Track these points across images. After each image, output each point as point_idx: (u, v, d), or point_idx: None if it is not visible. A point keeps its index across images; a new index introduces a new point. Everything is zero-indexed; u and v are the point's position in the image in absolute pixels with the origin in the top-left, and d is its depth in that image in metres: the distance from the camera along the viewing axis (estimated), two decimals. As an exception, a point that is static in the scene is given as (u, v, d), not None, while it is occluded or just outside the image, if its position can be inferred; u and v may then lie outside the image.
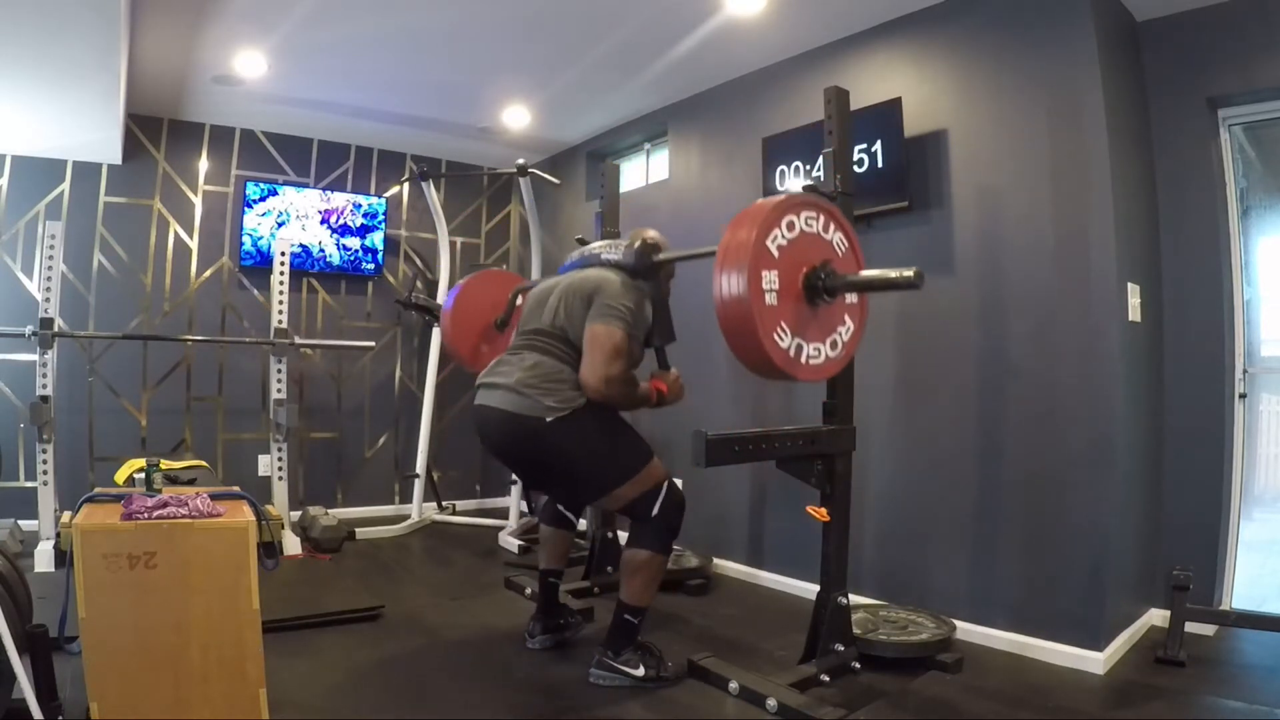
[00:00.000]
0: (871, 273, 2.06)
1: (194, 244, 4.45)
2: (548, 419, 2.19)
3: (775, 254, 1.91)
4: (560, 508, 2.67)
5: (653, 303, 2.37)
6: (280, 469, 3.95)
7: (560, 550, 2.67)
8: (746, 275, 1.82)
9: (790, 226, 1.95)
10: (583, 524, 3.66)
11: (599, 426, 2.26)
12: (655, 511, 2.26)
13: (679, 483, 2.41)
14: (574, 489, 2.49)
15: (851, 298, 2.16)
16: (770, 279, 1.89)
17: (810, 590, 2.47)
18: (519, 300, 3.17)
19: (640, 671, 2.26)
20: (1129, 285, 2.58)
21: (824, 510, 2.31)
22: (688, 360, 3.88)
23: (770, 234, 1.90)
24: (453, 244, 4.91)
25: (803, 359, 1.99)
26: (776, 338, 1.91)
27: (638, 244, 2.40)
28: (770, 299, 1.89)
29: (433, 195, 4.59)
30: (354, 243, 4.82)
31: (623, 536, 2.39)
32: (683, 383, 2.49)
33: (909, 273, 1.91)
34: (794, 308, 1.96)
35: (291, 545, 3.77)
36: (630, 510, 2.30)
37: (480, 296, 3.30)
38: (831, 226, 2.08)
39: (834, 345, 2.10)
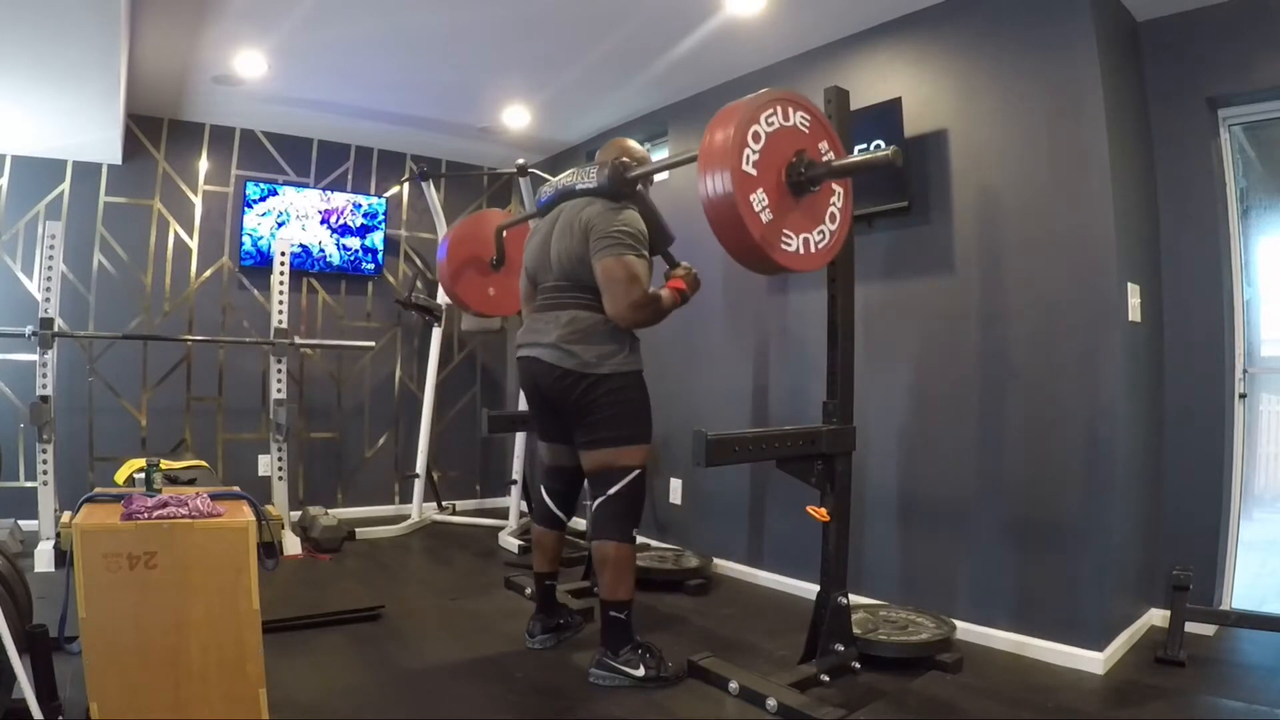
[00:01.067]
0: (851, 159, 2.10)
1: (194, 244, 4.45)
2: (590, 372, 2.30)
3: (754, 171, 1.93)
4: (551, 506, 2.65)
5: (642, 215, 2.38)
6: (280, 469, 3.95)
7: (554, 552, 2.66)
8: (735, 190, 1.87)
9: (756, 137, 1.96)
10: (582, 524, 3.67)
11: (634, 395, 2.37)
12: (616, 488, 2.31)
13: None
14: (591, 433, 2.42)
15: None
16: (759, 198, 1.93)
17: (810, 590, 2.47)
18: (505, 235, 3.41)
19: (640, 671, 2.26)
20: (1129, 285, 2.58)
21: (824, 510, 2.31)
22: (687, 360, 3.89)
23: (742, 155, 1.92)
24: (453, 244, 4.90)
25: (811, 249, 2.07)
26: (783, 245, 1.98)
27: (608, 169, 2.38)
28: (765, 215, 1.94)
29: (433, 195, 4.59)
30: (354, 243, 4.82)
31: (590, 527, 2.39)
32: (696, 272, 2.52)
33: (887, 151, 1.98)
34: (786, 207, 2.00)
35: (291, 545, 3.77)
36: (599, 476, 2.34)
37: (469, 243, 3.42)
38: (790, 110, 2.07)
39: (832, 219, 2.15)
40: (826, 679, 2.21)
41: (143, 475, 1.93)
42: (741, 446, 2.08)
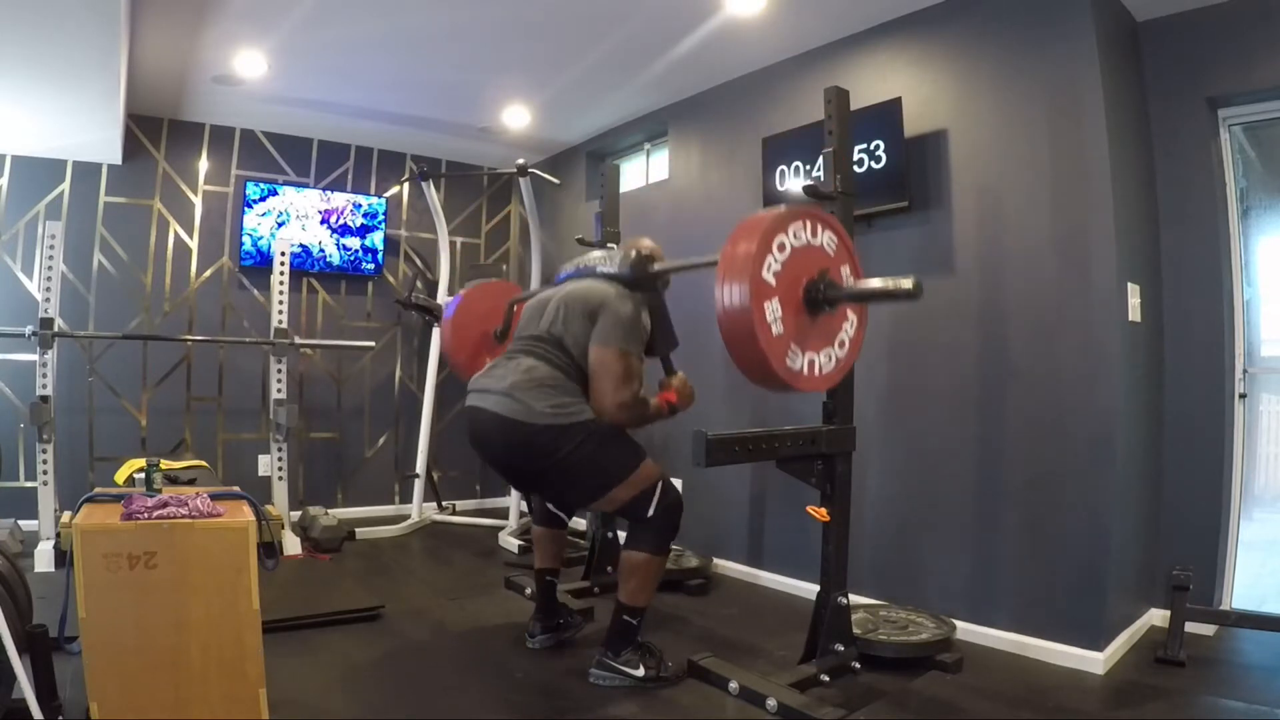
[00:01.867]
0: (870, 283, 2.04)
1: (194, 244, 4.45)
2: (540, 424, 2.18)
3: (773, 281, 1.89)
4: (550, 506, 2.67)
5: (651, 311, 2.38)
6: (280, 469, 3.95)
7: (554, 550, 2.67)
8: (750, 302, 1.81)
9: (781, 248, 1.93)
10: (582, 524, 3.67)
11: (590, 433, 2.23)
12: (652, 512, 2.27)
13: (678, 483, 2.40)
14: (567, 492, 2.49)
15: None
16: (773, 308, 1.88)
17: (810, 590, 2.47)
18: (515, 310, 3.17)
19: (640, 671, 2.26)
20: (1129, 285, 2.58)
21: (824, 510, 2.31)
22: (687, 360, 3.89)
23: (764, 262, 1.88)
24: (453, 244, 4.91)
25: (815, 371, 2.01)
26: (788, 361, 1.92)
27: (633, 256, 2.41)
28: (776, 327, 1.88)
29: (433, 195, 4.59)
30: (354, 243, 4.82)
31: (623, 536, 2.39)
32: (690, 386, 2.48)
33: (906, 282, 1.90)
34: (798, 323, 1.96)
35: (291, 545, 3.77)
36: (627, 512, 2.30)
37: (480, 307, 3.32)
38: (819, 229, 2.06)
39: (841, 345, 2.11)
40: (826, 679, 2.21)
41: (143, 475, 1.93)
42: (741, 446, 2.07)
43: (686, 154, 4.09)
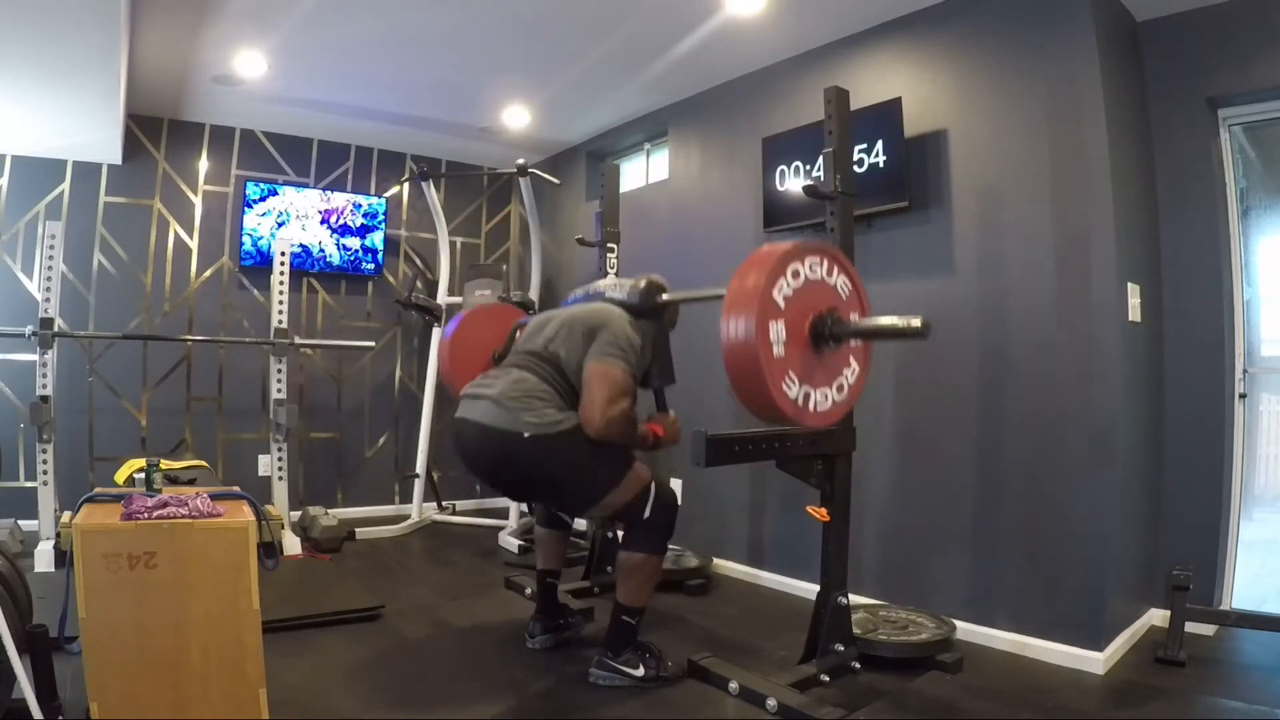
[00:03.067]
0: (878, 321, 2.03)
1: (194, 244, 4.45)
2: (525, 434, 2.16)
3: (781, 304, 1.89)
4: (554, 509, 2.67)
5: (654, 344, 2.38)
6: (280, 469, 3.95)
7: (556, 551, 2.67)
8: (754, 326, 1.80)
9: (795, 275, 1.94)
10: (582, 524, 3.67)
11: (575, 443, 2.20)
12: (647, 514, 2.27)
13: (677, 483, 2.41)
14: (558, 502, 2.50)
15: (856, 341, 2.16)
16: (777, 329, 1.87)
17: (810, 590, 2.47)
18: (518, 335, 3.15)
19: (640, 671, 2.26)
20: (1129, 285, 2.58)
21: (824, 510, 2.31)
22: (686, 360, 3.89)
23: (777, 284, 1.88)
24: (453, 244, 4.91)
25: (810, 406, 1.99)
26: (785, 387, 1.90)
27: (643, 285, 2.41)
28: (778, 349, 1.87)
29: (433, 195, 4.59)
30: (354, 243, 4.82)
31: (622, 536, 2.39)
32: (679, 426, 2.45)
33: (915, 322, 1.89)
34: (800, 355, 1.95)
35: (291, 545, 3.77)
36: (622, 516, 2.31)
37: (481, 329, 3.26)
38: (835, 270, 2.08)
39: (839, 389, 2.09)
40: (826, 679, 2.21)
41: (143, 475, 1.92)
42: (741, 446, 2.07)
43: (686, 154, 4.09)
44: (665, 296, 2.44)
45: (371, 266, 4.89)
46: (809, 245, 2.03)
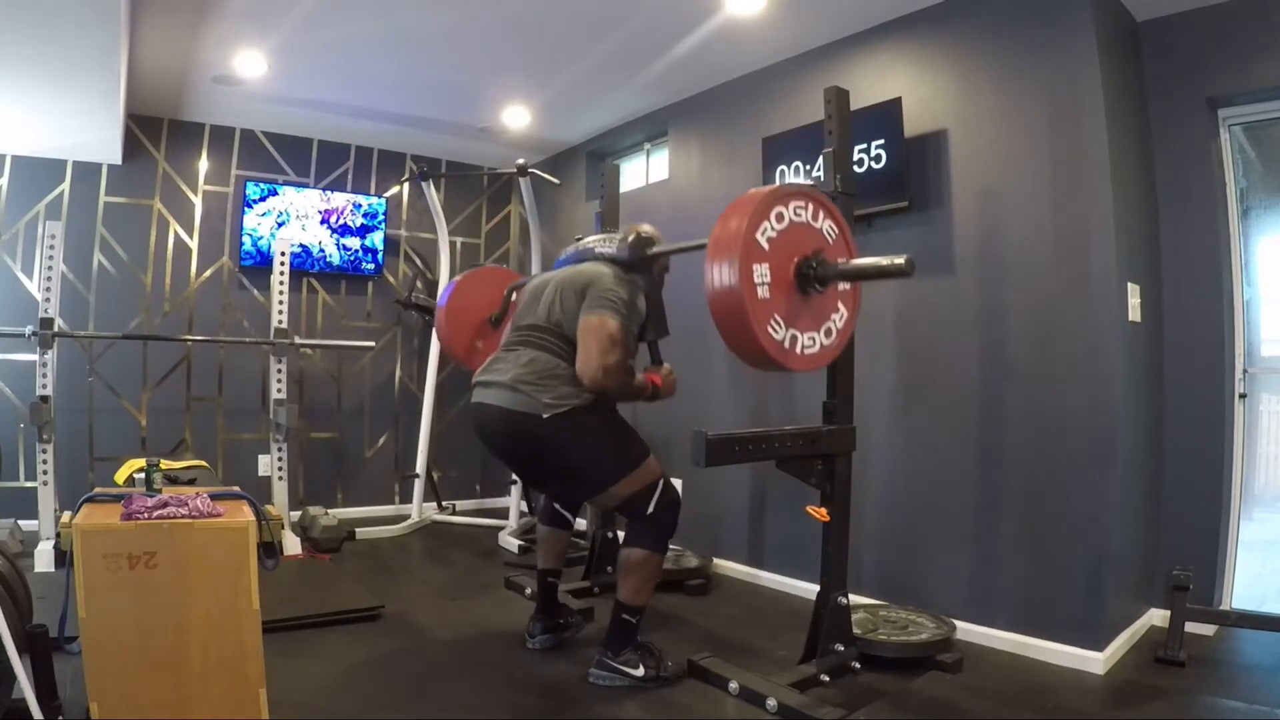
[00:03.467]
0: (863, 261, 2.06)
1: (194, 244, 4.45)
2: (545, 415, 2.20)
3: (765, 246, 1.91)
4: (557, 507, 2.67)
5: (646, 296, 2.37)
6: (280, 469, 3.95)
7: (558, 550, 2.67)
8: (738, 267, 1.82)
9: (780, 217, 1.95)
10: (582, 524, 3.67)
11: (596, 424, 2.26)
12: (650, 510, 2.27)
13: (677, 483, 2.41)
14: (571, 486, 2.49)
15: (844, 285, 2.16)
16: (761, 271, 1.89)
17: (810, 590, 2.47)
18: (514, 297, 3.17)
19: (640, 671, 2.26)
20: (1129, 285, 2.58)
21: (824, 510, 2.31)
22: (686, 360, 3.89)
23: (760, 226, 1.90)
24: (453, 244, 4.90)
25: (797, 349, 1.99)
26: (770, 329, 1.90)
27: (631, 238, 2.41)
28: (762, 291, 1.88)
29: (433, 195, 4.59)
30: (354, 243, 4.82)
31: (623, 536, 2.39)
32: (675, 378, 2.48)
33: (900, 260, 1.91)
34: (786, 298, 1.96)
35: (291, 545, 3.77)
36: (626, 508, 2.31)
37: (475, 293, 3.32)
38: (821, 214, 2.08)
39: (828, 333, 2.10)
40: (826, 679, 2.21)
41: (143, 475, 1.92)
42: (741, 446, 2.07)
43: (686, 154, 4.09)
44: (654, 249, 2.41)
45: (371, 266, 4.89)
46: (791, 188, 2.01)
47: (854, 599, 2.46)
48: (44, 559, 3.25)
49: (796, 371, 2.07)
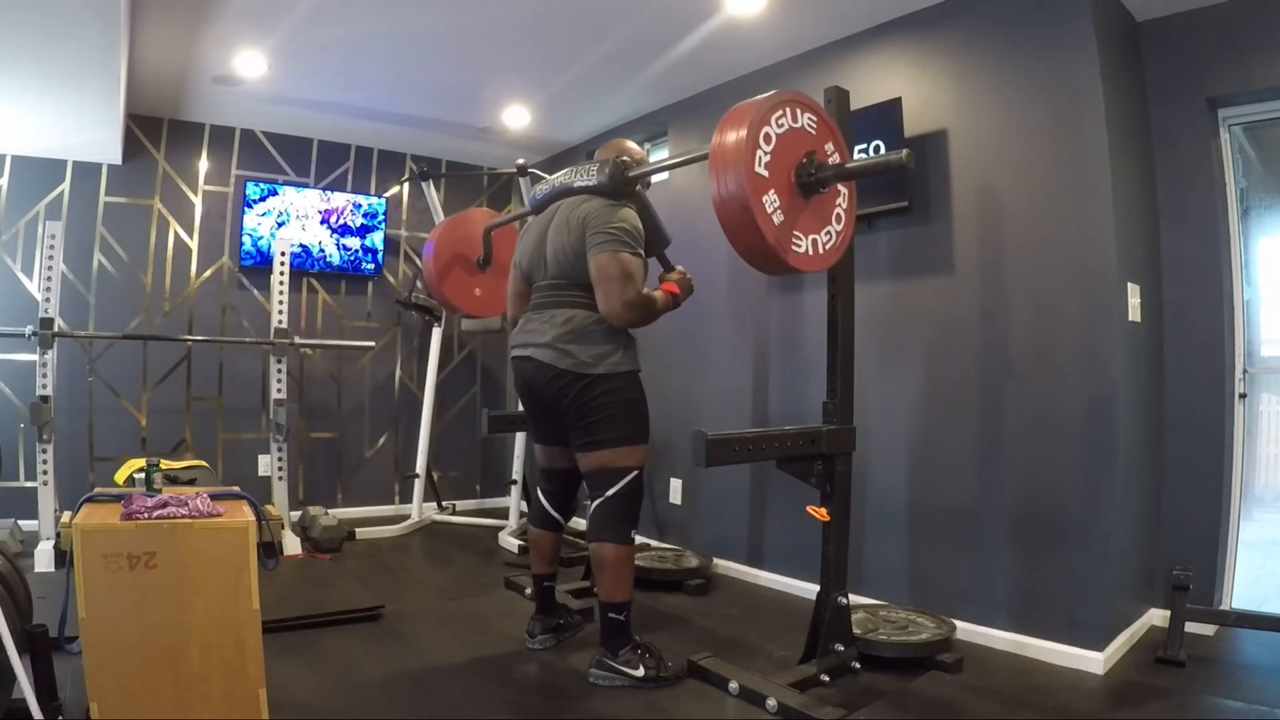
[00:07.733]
0: (863, 161, 2.10)
1: (194, 244, 4.45)
2: (599, 370, 2.29)
3: (766, 173, 1.95)
4: (549, 508, 2.65)
5: (639, 213, 2.38)
6: (280, 469, 3.95)
7: (550, 554, 2.65)
8: (749, 194, 1.87)
9: (768, 139, 1.97)
10: (582, 524, 3.67)
11: (635, 387, 2.37)
12: (614, 490, 2.30)
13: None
14: (581, 427, 2.40)
15: (842, 189, 2.22)
16: (771, 199, 1.95)
17: (810, 590, 2.47)
18: (493, 236, 3.40)
19: (640, 671, 2.26)
20: (1129, 285, 2.58)
21: (824, 510, 2.31)
22: (686, 360, 3.89)
23: (755, 156, 1.93)
24: (453, 244, 4.90)
25: (819, 250, 2.10)
26: (794, 245, 2.00)
27: (609, 166, 2.38)
28: (778, 218, 1.96)
29: (433, 195, 4.59)
30: (354, 243, 4.82)
31: (587, 528, 2.39)
32: (690, 276, 2.53)
33: (900, 155, 1.97)
34: (793, 206, 2.02)
35: (291, 545, 3.77)
36: (597, 476, 2.33)
37: (455, 242, 3.42)
38: (798, 112, 2.08)
39: (838, 219, 2.17)
40: (826, 679, 2.22)
41: (143, 475, 1.93)
42: (741, 446, 2.08)
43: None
44: (635, 172, 2.40)
45: (371, 266, 4.89)
46: (771, 100, 2.01)
47: (854, 599, 2.46)
48: (44, 559, 3.25)
49: (804, 272, 2.14)
